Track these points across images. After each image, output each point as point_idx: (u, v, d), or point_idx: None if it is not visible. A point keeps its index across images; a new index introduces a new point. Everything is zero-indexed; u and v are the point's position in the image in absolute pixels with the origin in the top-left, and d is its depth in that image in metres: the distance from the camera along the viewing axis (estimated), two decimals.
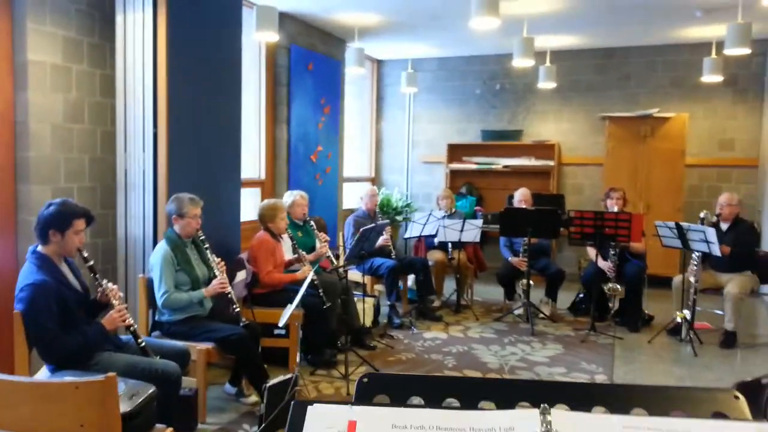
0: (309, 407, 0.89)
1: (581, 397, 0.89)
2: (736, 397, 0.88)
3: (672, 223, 5.00)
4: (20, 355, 2.68)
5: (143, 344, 2.91)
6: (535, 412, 0.85)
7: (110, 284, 2.89)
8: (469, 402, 0.91)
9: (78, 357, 2.71)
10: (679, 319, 5.05)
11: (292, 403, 0.90)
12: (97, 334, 2.77)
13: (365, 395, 0.93)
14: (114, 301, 2.84)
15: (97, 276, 2.85)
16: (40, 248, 2.76)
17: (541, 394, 0.89)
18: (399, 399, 0.92)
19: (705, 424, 0.82)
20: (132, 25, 3.91)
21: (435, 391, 0.92)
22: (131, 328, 2.89)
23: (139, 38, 3.90)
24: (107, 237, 4.15)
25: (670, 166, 7.04)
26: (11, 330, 2.70)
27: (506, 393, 0.91)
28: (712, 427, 0.82)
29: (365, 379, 0.95)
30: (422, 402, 0.92)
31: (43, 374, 2.76)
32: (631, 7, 5.73)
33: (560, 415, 0.85)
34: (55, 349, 2.65)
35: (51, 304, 2.62)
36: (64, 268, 2.82)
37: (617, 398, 0.89)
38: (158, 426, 2.46)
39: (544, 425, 0.83)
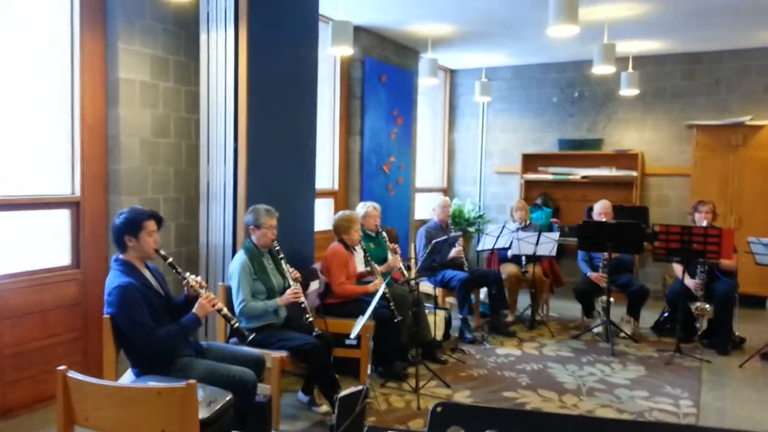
0: None
1: None
2: None
3: (766, 240, 4.66)
4: (108, 359, 2.82)
5: (237, 325, 3.06)
6: None
7: (192, 276, 3.00)
8: None
9: (174, 348, 2.83)
10: None
11: (366, 428, 0.88)
12: (190, 322, 2.89)
13: (439, 425, 0.90)
14: (200, 290, 2.95)
15: (179, 270, 2.96)
16: (121, 256, 2.91)
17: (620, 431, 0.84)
18: (474, 431, 0.89)
19: None
20: (215, 44, 4.07)
21: (512, 424, 0.88)
22: (222, 312, 3.00)
23: (221, 56, 4.06)
24: (190, 245, 4.33)
25: (764, 178, 6.57)
26: (101, 335, 2.85)
27: (585, 429, 0.85)
28: None
29: (439, 408, 0.92)
30: None
31: (127, 378, 2.90)
32: (719, 10, 5.41)
33: None
34: (153, 341, 2.75)
35: (140, 301, 2.76)
36: (147, 274, 2.96)
37: None
38: None
39: None
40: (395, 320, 4.27)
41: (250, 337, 3.11)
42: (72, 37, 3.75)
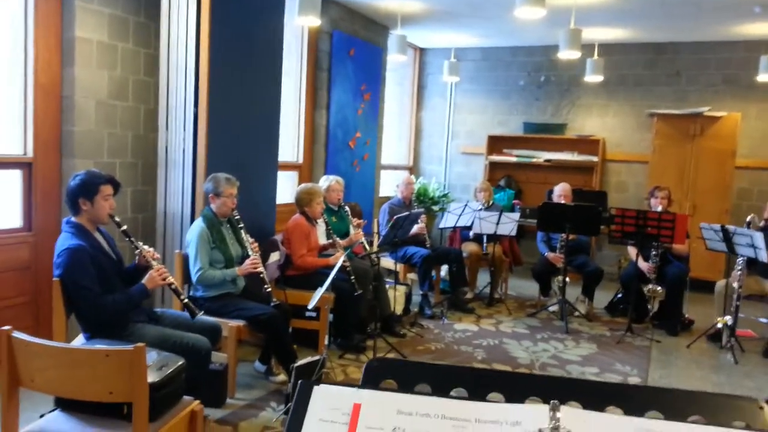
0: (315, 387, 0.89)
1: (595, 395, 0.86)
2: (761, 408, 0.83)
3: (717, 226, 4.82)
4: (58, 322, 2.77)
5: (185, 300, 3.00)
6: (545, 407, 0.83)
7: (146, 247, 2.95)
8: (478, 393, 0.88)
9: (121, 316, 2.80)
10: (720, 325, 4.88)
11: (299, 383, 0.89)
12: (138, 293, 2.86)
13: (373, 379, 0.92)
14: (152, 262, 2.91)
15: (132, 239, 2.91)
16: (73, 218, 2.84)
17: (553, 390, 0.86)
18: (407, 385, 0.90)
19: None
20: (176, 5, 3.96)
21: (444, 379, 0.90)
22: (172, 286, 2.97)
23: (183, 18, 3.95)
24: (147, 212, 4.26)
25: (719, 167, 6.78)
26: (51, 299, 2.79)
27: (517, 386, 0.88)
28: None
29: (374, 363, 0.94)
30: (430, 390, 0.90)
31: (78, 341, 2.85)
32: (684, 2, 5.51)
33: (570, 412, 0.82)
34: (99, 308, 2.72)
35: (89, 266, 2.70)
36: (99, 237, 2.90)
37: (633, 399, 0.86)
38: (186, 398, 2.51)
39: (553, 421, 0.80)
40: (355, 293, 4.30)
41: (200, 314, 3.06)
42: None
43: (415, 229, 5.39)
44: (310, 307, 3.59)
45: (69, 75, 3.74)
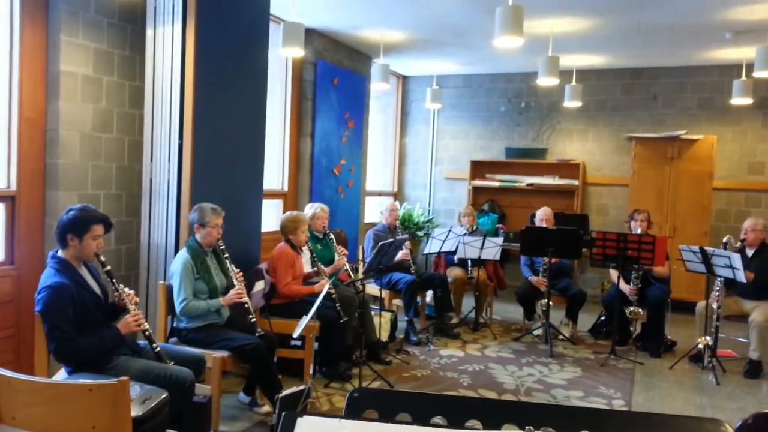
0: (299, 419, 0.91)
1: (569, 420, 0.89)
2: (723, 429, 0.87)
3: (696, 248, 4.91)
4: (40, 356, 2.76)
5: (158, 349, 2.96)
6: None
7: (126, 289, 2.95)
8: (456, 420, 0.91)
9: (92, 359, 2.77)
10: (701, 346, 4.94)
11: (283, 414, 0.92)
12: (112, 338, 2.84)
13: (355, 409, 0.95)
14: (130, 306, 2.91)
15: (114, 281, 2.91)
16: (60, 253, 2.84)
17: (529, 415, 0.90)
18: (388, 414, 0.93)
19: None
20: (162, 39, 4.02)
21: (424, 408, 0.93)
22: (146, 333, 2.95)
23: (168, 51, 4.01)
24: (131, 243, 4.25)
25: (697, 189, 6.92)
26: (33, 332, 2.78)
27: (493, 413, 0.91)
28: None
29: (355, 394, 0.96)
30: (410, 419, 0.93)
31: (60, 376, 2.83)
32: (659, 28, 5.69)
33: None
34: (68, 350, 2.71)
35: (66, 307, 2.69)
36: (84, 272, 2.90)
37: (605, 423, 0.89)
38: (169, 431, 2.49)
39: None
40: (341, 321, 4.30)
41: (170, 364, 2.97)
42: (11, 28, 3.63)
43: (399, 255, 5.42)
44: (295, 335, 3.59)
45: (54, 108, 3.76)
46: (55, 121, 3.77)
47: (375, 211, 7.65)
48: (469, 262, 6.02)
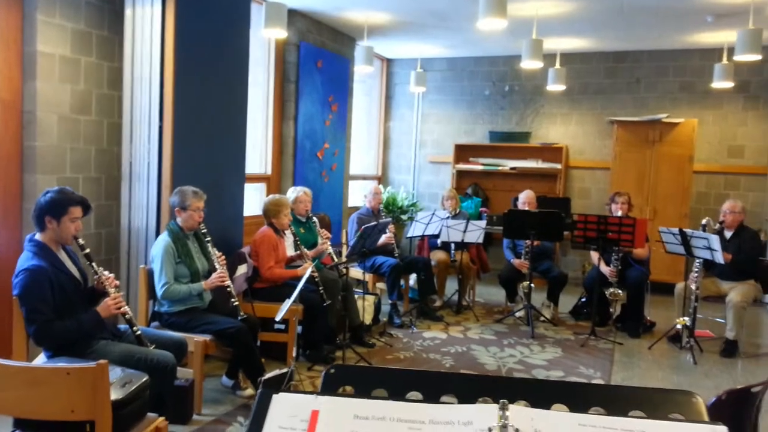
0: (274, 395, 0.91)
1: (542, 394, 0.91)
2: (694, 399, 0.88)
3: (675, 230, 4.98)
4: (18, 340, 2.73)
5: (138, 332, 2.95)
6: (494, 407, 0.87)
7: (106, 272, 2.92)
8: (432, 395, 0.92)
9: (72, 342, 2.75)
10: (679, 326, 5.03)
11: (258, 392, 0.92)
12: (91, 321, 2.82)
13: (331, 386, 0.95)
14: (110, 289, 2.88)
15: (93, 264, 2.88)
16: (37, 236, 2.81)
17: (503, 390, 0.91)
18: (364, 390, 0.93)
19: (660, 425, 0.83)
20: (141, 19, 3.95)
21: (399, 384, 0.94)
22: (126, 316, 2.93)
23: (147, 32, 3.94)
24: (111, 227, 4.20)
25: (677, 172, 7.00)
26: (11, 316, 2.74)
27: (468, 388, 0.92)
28: (666, 427, 0.83)
29: (332, 370, 0.97)
30: (386, 394, 0.93)
31: (39, 360, 2.80)
32: (642, 11, 5.70)
33: (519, 410, 0.86)
34: (47, 333, 2.69)
35: (45, 289, 2.66)
36: (62, 255, 2.86)
37: (578, 397, 0.90)
38: (150, 415, 2.49)
39: (502, 420, 0.84)
40: (324, 304, 4.31)
41: (151, 347, 2.97)
42: None
43: (383, 238, 5.43)
44: (277, 319, 3.59)
45: (30, 89, 3.69)
46: (32, 103, 3.70)
47: (359, 195, 7.63)
48: (453, 246, 6.05)
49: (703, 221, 4.98)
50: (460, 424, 0.86)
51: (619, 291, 5.34)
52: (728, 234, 5.17)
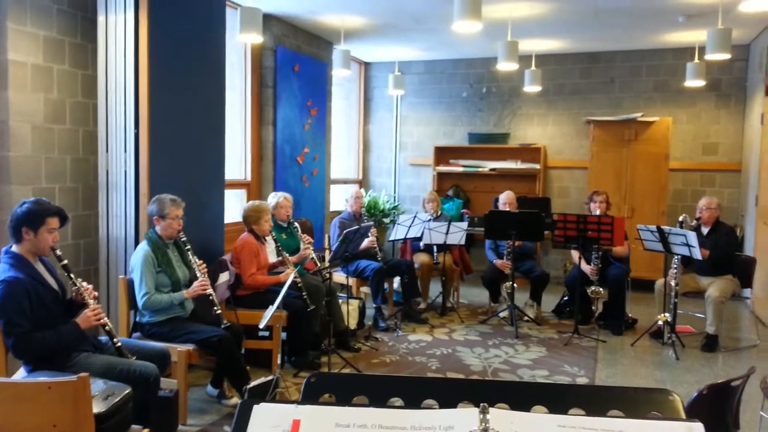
0: (255, 406, 0.91)
1: (522, 396, 0.91)
2: (672, 397, 0.90)
3: (653, 227, 5.04)
4: None
5: (119, 344, 2.91)
6: (475, 411, 0.87)
7: (84, 283, 2.89)
8: (413, 401, 0.92)
9: (52, 354, 2.71)
10: (661, 323, 5.09)
11: (239, 402, 0.91)
12: (71, 333, 2.78)
13: (312, 395, 0.95)
14: (89, 300, 2.85)
15: (71, 275, 2.85)
16: (14, 248, 2.76)
17: (484, 393, 0.91)
18: (344, 398, 0.93)
19: (638, 423, 0.84)
20: (114, 26, 3.91)
21: (380, 390, 0.94)
22: (106, 328, 2.89)
23: (120, 39, 3.90)
24: (89, 237, 4.15)
25: (654, 170, 7.10)
26: None
27: (449, 392, 0.92)
28: (644, 426, 0.84)
29: (312, 379, 0.96)
30: (367, 401, 0.93)
31: (20, 375, 2.76)
32: (615, 12, 5.78)
33: (499, 414, 0.87)
34: (26, 345, 2.65)
35: (22, 301, 2.62)
36: (40, 267, 2.82)
37: (557, 398, 0.91)
38: (134, 427, 2.46)
39: (483, 424, 0.85)
40: (308, 309, 4.29)
41: (132, 359, 2.95)
42: None
43: (365, 242, 5.43)
44: (261, 326, 3.57)
45: (2, 99, 3.63)
46: (4, 113, 3.64)
47: (340, 199, 7.62)
48: (435, 248, 6.06)
49: (681, 218, 5.06)
50: (442, 428, 0.87)
51: (601, 289, 5.40)
52: (705, 230, 5.25)
